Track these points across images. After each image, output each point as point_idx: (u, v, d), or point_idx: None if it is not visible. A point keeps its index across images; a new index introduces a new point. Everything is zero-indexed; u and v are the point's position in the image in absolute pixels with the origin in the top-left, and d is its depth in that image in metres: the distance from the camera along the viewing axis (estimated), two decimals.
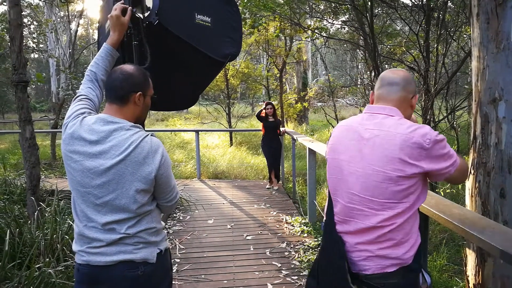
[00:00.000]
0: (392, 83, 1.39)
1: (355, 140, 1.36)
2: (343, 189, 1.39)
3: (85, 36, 26.90)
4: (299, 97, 15.11)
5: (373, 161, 1.29)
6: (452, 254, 3.96)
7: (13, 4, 3.38)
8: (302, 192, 5.90)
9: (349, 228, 1.37)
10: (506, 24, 1.89)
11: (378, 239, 1.31)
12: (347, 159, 1.38)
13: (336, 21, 7.72)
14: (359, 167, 1.33)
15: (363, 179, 1.32)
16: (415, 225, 1.34)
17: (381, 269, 1.31)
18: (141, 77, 1.39)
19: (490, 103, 2.00)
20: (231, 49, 1.93)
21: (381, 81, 1.43)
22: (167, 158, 1.37)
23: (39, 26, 14.67)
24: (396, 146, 1.25)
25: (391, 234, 1.29)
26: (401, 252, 1.30)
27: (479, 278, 2.09)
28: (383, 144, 1.28)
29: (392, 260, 1.31)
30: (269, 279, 3.08)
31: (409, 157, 1.24)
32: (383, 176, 1.27)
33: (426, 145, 1.23)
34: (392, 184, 1.26)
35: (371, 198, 1.30)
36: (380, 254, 1.31)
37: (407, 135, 1.25)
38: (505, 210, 2.00)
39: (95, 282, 1.31)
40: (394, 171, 1.25)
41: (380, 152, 1.28)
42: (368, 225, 1.31)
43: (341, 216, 1.40)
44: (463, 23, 6.27)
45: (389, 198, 1.28)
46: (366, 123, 1.37)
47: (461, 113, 7.63)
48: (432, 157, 1.25)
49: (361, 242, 1.34)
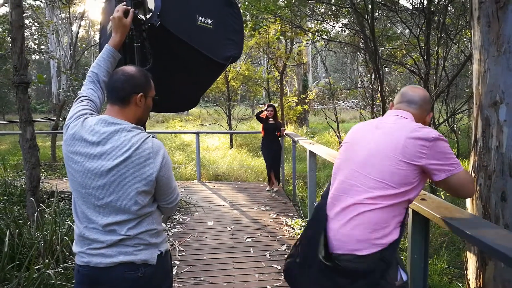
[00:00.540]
0: (411, 101, 1.54)
1: (369, 130, 1.52)
2: (346, 167, 1.50)
3: (86, 37, 26.95)
4: (299, 99, 15.13)
5: (380, 143, 1.41)
6: (453, 258, 3.96)
7: (15, 6, 3.39)
8: (302, 195, 5.89)
9: (336, 209, 1.45)
10: (507, 27, 1.89)
11: (356, 217, 1.37)
12: (357, 142, 1.51)
13: (336, 24, 7.74)
14: (366, 148, 1.44)
15: (367, 157, 1.42)
16: (396, 218, 1.38)
17: (351, 251, 1.36)
18: (143, 78, 1.39)
19: (491, 106, 1.99)
20: (233, 51, 1.93)
21: (401, 97, 1.58)
22: (168, 160, 1.37)
23: (41, 28, 14.71)
24: (403, 136, 1.37)
25: (370, 213, 1.36)
26: (373, 236, 1.34)
27: (480, 281, 2.08)
28: (392, 132, 1.41)
29: (363, 243, 1.35)
30: (269, 281, 3.07)
31: (413, 146, 1.34)
32: (385, 156, 1.37)
33: (431, 138, 1.34)
34: (391, 166, 1.35)
35: (368, 175, 1.39)
36: (353, 234, 1.37)
37: (415, 129, 1.38)
38: (506, 213, 1.99)
39: (95, 284, 1.30)
40: (396, 154, 1.35)
41: (389, 137, 1.40)
42: (355, 200, 1.39)
43: (335, 192, 1.49)
44: (463, 27, 6.28)
45: (383, 178, 1.36)
46: (381, 120, 1.55)
47: (461, 116, 7.62)
48: (434, 151, 1.34)
49: (341, 224, 1.41)
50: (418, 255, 1.71)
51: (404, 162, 1.34)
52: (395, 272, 1.40)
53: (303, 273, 1.50)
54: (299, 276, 1.53)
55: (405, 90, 1.59)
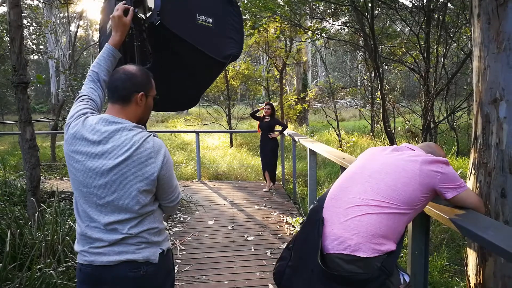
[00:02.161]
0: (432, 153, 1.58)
1: (382, 151, 1.56)
2: (357, 170, 1.53)
3: (85, 37, 26.91)
4: (299, 98, 15.12)
5: (398, 162, 1.45)
6: (453, 255, 3.96)
7: (13, 5, 3.38)
8: (302, 193, 5.89)
9: (338, 209, 1.44)
10: (508, 25, 1.89)
11: (360, 217, 1.37)
12: (371, 157, 1.56)
13: (336, 22, 7.74)
14: (381, 162, 1.48)
15: (381, 166, 1.46)
16: (397, 229, 1.39)
17: (351, 251, 1.33)
18: (144, 77, 1.39)
19: (491, 103, 2.00)
20: (233, 49, 1.92)
21: (427, 147, 1.66)
22: (169, 158, 1.37)
23: (39, 28, 14.68)
24: (417, 165, 1.42)
25: (374, 216, 1.36)
26: (374, 241, 1.33)
27: (480, 277, 2.09)
28: (405, 159, 1.46)
29: (362, 244, 1.33)
30: (270, 279, 3.08)
31: (428, 170, 1.41)
32: (399, 174, 1.41)
33: (441, 169, 1.41)
34: (403, 184, 1.39)
35: (380, 182, 1.41)
36: (354, 234, 1.35)
37: (428, 159, 1.45)
38: (506, 210, 2.00)
39: (98, 282, 1.31)
40: (413, 176, 1.40)
41: (402, 161, 1.45)
42: (361, 201, 1.40)
43: (337, 193, 1.50)
44: (463, 24, 6.28)
45: (393, 192, 1.38)
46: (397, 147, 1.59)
47: (461, 114, 7.63)
48: (446, 179, 1.42)
49: (342, 223, 1.40)
50: (419, 252, 1.72)
51: (414, 179, 1.39)
52: (397, 278, 1.39)
53: (296, 277, 1.46)
54: (291, 280, 1.48)
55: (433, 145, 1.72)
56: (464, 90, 8.76)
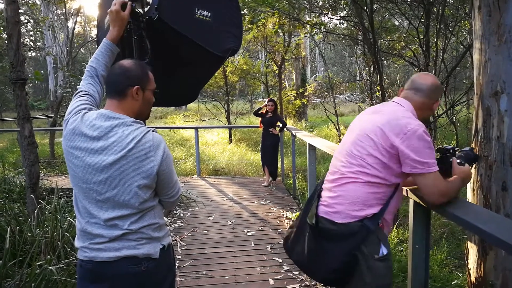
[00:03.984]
0: (418, 89, 1.58)
1: (367, 113, 1.63)
2: (341, 145, 1.66)
3: (83, 33, 26.78)
4: (298, 93, 15.10)
5: (368, 125, 1.52)
6: (453, 248, 3.98)
7: (10, 2, 3.35)
8: (302, 188, 5.90)
9: (329, 183, 1.62)
10: (508, 17, 1.88)
11: (338, 187, 1.54)
12: (355, 125, 1.64)
13: (335, 16, 7.69)
14: (358, 129, 1.56)
15: (357, 136, 1.55)
16: (378, 195, 1.47)
17: (331, 217, 1.53)
18: (139, 71, 1.37)
19: (492, 96, 1.99)
20: (232, 44, 1.91)
21: (411, 83, 1.62)
22: (168, 154, 1.36)
23: (36, 24, 14.58)
24: (385, 121, 1.46)
25: (350, 185, 1.50)
26: (351, 208, 1.48)
27: (481, 271, 2.09)
28: (382, 117, 1.50)
29: (340, 213, 1.51)
30: (271, 274, 3.09)
31: (390, 132, 1.43)
32: (367, 137, 1.49)
33: (406, 131, 1.40)
34: (370, 147, 1.46)
35: (352, 153, 1.53)
36: (333, 202, 1.54)
37: (398, 117, 1.45)
38: (507, 203, 2.00)
39: (98, 278, 1.30)
40: (377, 137, 1.46)
41: (378, 119, 1.50)
42: (340, 174, 1.56)
43: (330, 167, 1.67)
44: (462, 18, 6.25)
45: (362, 157, 1.48)
46: (382, 105, 1.64)
47: (460, 108, 7.62)
48: (406, 144, 1.39)
49: (327, 193, 1.60)
50: (420, 245, 1.72)
51: (381, 145, 1.44)
52: (376, 247, 1.47)
53: (298, 236, 1.68)
54: (294, 240, 1.70)
55: (415, 77, 1.64)
56: (463, 84, 8.74)
